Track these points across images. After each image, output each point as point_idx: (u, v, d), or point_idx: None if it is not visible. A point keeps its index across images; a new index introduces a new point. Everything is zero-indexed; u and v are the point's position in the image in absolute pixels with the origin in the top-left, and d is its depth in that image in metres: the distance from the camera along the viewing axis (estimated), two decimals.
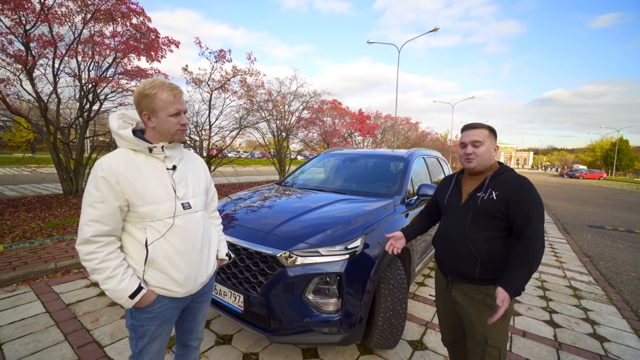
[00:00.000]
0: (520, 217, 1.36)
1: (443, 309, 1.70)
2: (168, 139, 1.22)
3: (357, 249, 1.96)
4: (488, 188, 1.44)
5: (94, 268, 1.09)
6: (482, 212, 1.42)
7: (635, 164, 57.10)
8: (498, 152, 1.54)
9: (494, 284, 1.41)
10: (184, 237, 1.22)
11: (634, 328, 2.84)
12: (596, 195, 17.01)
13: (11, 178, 11.20)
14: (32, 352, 2.09)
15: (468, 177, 1.58)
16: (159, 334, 1.26)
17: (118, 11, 6.03)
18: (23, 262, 3.35)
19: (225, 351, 2.20)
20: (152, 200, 1.15)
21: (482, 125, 1.52)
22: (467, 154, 1.49)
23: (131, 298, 1.12)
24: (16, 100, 6.15)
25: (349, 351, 2.27)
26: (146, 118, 1.18)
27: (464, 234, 1.47)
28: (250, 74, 8.68)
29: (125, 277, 1.12)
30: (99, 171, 1.09)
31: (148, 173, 1.17)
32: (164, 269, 1.18)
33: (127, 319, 1.25)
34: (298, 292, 1.85)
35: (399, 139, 19.42)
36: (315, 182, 3.47)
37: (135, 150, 1.18)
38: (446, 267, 1.58)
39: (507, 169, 1.50)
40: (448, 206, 1.61)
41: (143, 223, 1.16)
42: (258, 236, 2.07)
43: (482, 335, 1.44)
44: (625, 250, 5.67)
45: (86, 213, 1.09)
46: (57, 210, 5.68)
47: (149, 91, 1.15)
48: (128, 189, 1.11)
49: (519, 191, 1.38)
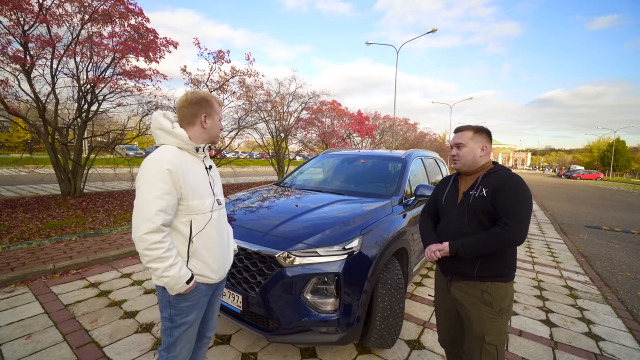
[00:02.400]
0: (501, 207, 1.40)
1: (442, 308, 1.72)
2: (211, 140, 1.38)
3: (354, 249, 1.97)
4: (480, 186, 1.49)
5: (159, 256, 1.16)
6: (475, 209, 1.47)
7: (632, 165, 57.45)
8: (487, 152, 1.56)
9: (492, 280, 1.47)
10: (218, 229, 1.37)
11: (629, 327, 2.87)
12: (593, 196, 17.11)
13: (9, 179, 11.15)
14: (31, 353, 2.09)
15: (464, 177, 1.63)
16: (193, 320, 1.35)
17: (116, 12, 6.03)
18: (21, 263, 3.35)
19: (224, 351, 2.21)
20: (200, 195, 1.28)
21: (467, 127, 1.58)
22: (452, 155, 1.60)
23: (187, 284, 1.23)
24: (14, 100, 6.14)
25: (347, 351, 2.28)
26: (204, 118, 1.32)
27: (462, 232, 1.50)
28: (249, 74, 8.70)
29: (183, 265, 1.23)
30: (164, 164, 1.17)
31: (195, 170, 1.30)
32: (204, 258, 1.31)
33: (165, 310, 1.32)
34: (296, 292, 1.86)
35: (397, 139, 19.47)
36: (314, 183, 3.48)
37: (181, 148, 1.29)
38: (446, 266, 1.60)
39: (501, 168, 1.55)
40: (445, 206, 1.64)
41: (188, 216, 1.26)
42: (256, 236, 2.08)
43: (479, 332, 1.47)
44: (621, 250, 5.72)
45: (154, 204, 1.15)
46: (55, 211, 5.67)
47: (210, 99, 1.34)
48: (185, 182, 1.22)
49: (505, 186, 1.42)
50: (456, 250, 1.45)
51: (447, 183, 1.71)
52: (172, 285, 1.21)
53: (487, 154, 1.57)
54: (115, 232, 4.70)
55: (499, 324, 1.46)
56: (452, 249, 1.47)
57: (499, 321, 1.46)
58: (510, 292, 1.49)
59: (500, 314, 1.46)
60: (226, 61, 8.11)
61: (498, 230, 1.38)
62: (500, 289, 1.46)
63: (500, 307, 1.46)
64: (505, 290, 1.47)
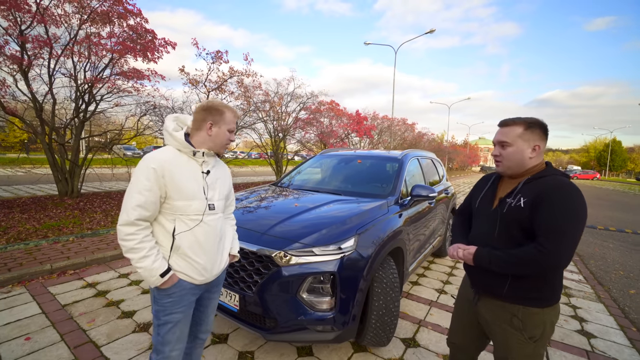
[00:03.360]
0: (541, 222, 1.14)
1: (461, 315, 1.56)
2: (216, 149, 1.42)
3: (350, 248, 2.00)
4: (518, 194, 1.24)
5: (132, 247, 1.21)
6: (509, 220, 1.24)
7: (628, 165, 57.89)
8: (539, 152, 1.26)
9: (524, 303, 1.24)
10: (207, 233, 1.38)
11: (621, 325, 2.91)
12: (589, 195, 17.24)
13: (5, 179, 11.10)
14: (29, 353, 2.11)
15: (505, 180, 1.39)
16: (178, 320, 1.36)
17: (115, 12, 6.03)
18: (18, 263, 3.35)
19: (221, 350, 2.24)
20: (186, 197, 1.30)
21: (515, 121, 1.28)
22: (494, 156, 1.34)
23: (161, 277, 1.26)
24: (11, 100, 6.12)
25: (343, 349, 2.31)
26: (209, 126, 1.37)
27: (489, 243, 1.29)
28: (247, 75, 8.71)
29: (157, 258, 1.26)
30: (150, 163, 1.23)
31: (187, 173, 1.33)
32: (187, 257, 1.33)
33: (153, 305, 1.37)
34: (293, 291, 1.89)
35: (395, 139, 19.54)
36: (311, 183, 3.51)
37: (180, 150, 1.35)
38: (473, 279, 1.42)
39: (552, 172, 1.24)
40: (479, 210, 1.44)
41: (173, 215, 1.30)
42: (254, 236, 2.10)
43: (503, 355, 1.32)
44: (615, 249, 5.78)
45: (133, 198, 1.21)
46: (53, 212, 5.66)
47: (222, 108, 1.39)
48: (170, 182, 1.26)
49: (549, 197, 1.15)
50: (481, 258, 1.25)
51: (485, 183, 1.48)
52: (146, 277, 1.25)
53: (539, 155, 1.27)
54: (112, 233, 4.71)
55: (529, 351, 1.24)
56: (478, 255, 1.26)
57: (530, 348, 1.24)
58: (548, 319, 1.24)
59: (532, 341, 1.23)
60: (224, 61, 8.14)
61: (531, 251, 1.13)
62: (534, 315, 1.22)
63: (532, 334, 1.23)
64: (541, 317, 1.22)
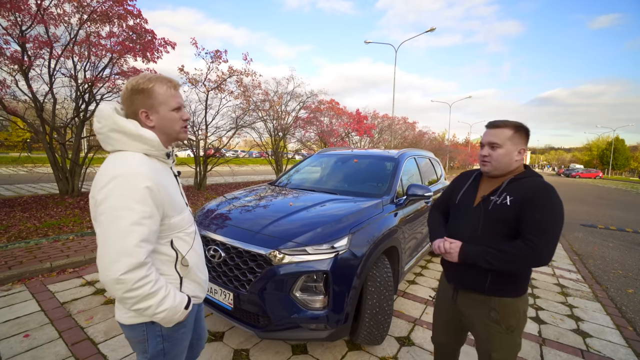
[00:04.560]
0: (528, 221, 1.22)
1: (442, 312, 1.61)
2: (172, 139, 1.10)
3: (343, 247, 2.01)
4: (503, 192, 1.31)
5: (148, 293, 0.93)
6: (494, 217, 1.31)
7: (631, 163, 57.53)
8: (522, 155, 1.35)
9: (500, 295, 1.33)
10: (199, 243, 1.21)
11: (617, 324, 2.92)
12: (591, 194, 17.17)
13: (7, 178, 11.19)
14: (27, 349, 2.14)
15: (487, 178, 1.45)
16: (186, 345, 1.19)
17: (115, 13, 6.06)
18: (19, 261, 3.39)
19: (217, 348, 2.26)
20: (180, 210, 1.07)
21: (505, 124, 1.34)
22: (483, 156, 1.38)
23: (186, 309, 1.05)
24: (12, 100, 6.17)
25: (337, 347, 2.33)
26: (144, 116, 1.02)
27: (473, 239, 1.34)
28: (247, 74, 8.72)
29: (176, 291, 1.03)
30: (140, 181, 0.92)
31: (170, 181, 1.07)
32: (196, 277, 1.15)
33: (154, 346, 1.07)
34: (286, 290, 1.90)
35: (396, 138, 19.51)
36: (308, 182, 3.52)
37: (148, 155, 1.02)
38: (452, 274, 1.47)
39: (532, 174, 1.34)
40: (459, 206, 1.48)
41: (169, 237, 1.05)
42: (248, 235, 2.12)
43: (486, 349, 1.39)
44: (615, 248, 5.77)
45: (134, 233, 0.90)
46: (53, 210, 5.71)
47: (145, 85, 1.01)
48: (165, 198, 0.99)
49: (536, 197, 1.23)
50: (468, 254, 1.29)
51: (466, 180, 1.52)
52: (170, 318, 1.01)
53: (522, 158, 1.36)
54: None
55: (508, 340, 1.33)
56: (464, 251, 1.30)
57: (508, 338, 1.33)
58: (521, 307, 1.34)
59: (509, 331, 1.33)
60: (223, 60, 8.15)
61: (523, 247, 1.19)
62: (509, 305, 1.32)
63: (508, 324, 1.32)
64: (516, 307, 1.33)
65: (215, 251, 2.15)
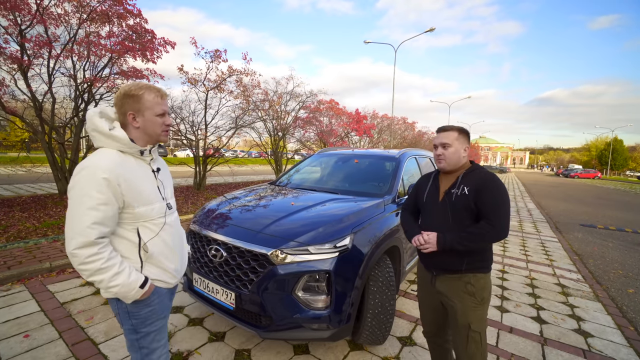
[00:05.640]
0: (486, 206, 1.49)
1: (426, 302, 1.78)
2: (153, 140, 1.25)
3: (345, 247, 2.01)
4: (461, 184, 1.56)
5: (99, 268, 1.08)
6: (458, 206, 1.54)
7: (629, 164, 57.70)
8: (468, 152, 1.64)
9: (474, 272, 1.56)
10: (172, 234, 1.32)
11: (618, 324, 2.92)
12: (590, 195, 17.21)
13: (6, 177, 11.15)
14: (27, 350, 2.12)
15: (444, 176, 1.69)
16: (162, 324, 1.31)
17: (114, 12, 6.04)
18: (18, 261, 3.37)
19: (218, 348, 2.25)
20: (148, 201, 1.20)
21: (451, 127, 1.63)
22: (438, 155, 1.63)
23: (141, 288, 1.17)
24: (11, 99, 6.14)
25: (339, 347, 2.32)
26: (131, 118, 1.18)
27: (447, 228, 1.56)
28: (246, 74, 8.71)
29: (132, 270, 1.16)
30: (99, 173, 1.07)
31: (141, 174, 1.21)
32: (159, 263, 1.26)
33: (125, 322, 1.24)
34: (288, 289, 1.90)
35: (395, 138, 19.52)
36: (308, 182, 3.52)
37: (123, 152, 1.18)
38: (431, 261, 1.65)
39: (478, 167, 1.64)
40: (427, 204, 1.69)
41: (134, 224, 1.19)
42: (249, 235, 2.11)
43: (464, 321, 1.55)
44: (614, 248, 5.78)
45: (88, 216, 1.06)
46: (52, 210, 5.68)
47: (136, 92, 1.17)
48: (127, 190, 1.13)
49: (487, 186, 1.51)
50: (445, 242, 1.51)
51: (427, 181, 1.76)
52: (124, 294, 1.14)
53: (468, 155, 1.65)
54: None
55: (481, 312, 1.56)
56: (441, 240, 1.52)
57: (481, 310, 1.56)
58: (489, 282, 1.60)
59: (482, 303, 1.56)
60: (223, 60, 8.14)
61: (487, 227, 1.46)
62: (481, 279, 1.56)
63: (482, 296, 1.55)
64: (485, 281, 1.57)
65: (216, 251, 2.14)
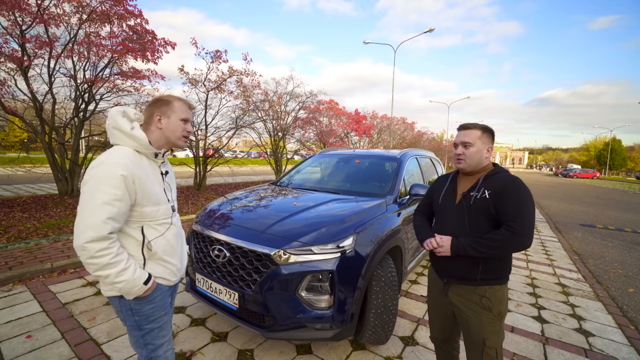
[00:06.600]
0: (508, 210, 1.37)
1: (437, 309, 1.68)
2: (170, 144, 1.32)
3: (348, 247, 2.01)
4: (481, 187, 1.45)
5: (107, 263, 1.09)
6: (476, 210, 1.43)
7: (627, 164, 57.86)
8: (492, 153, 1.52)
9: (490, 284, 1.43)
10: (176, 234, 1.37)
11: (619, 323, 2.93)
12: (589, 194, 17.25)
13: (5, 178, 11.11)
14: (30, 350, 2.12)
15: (463, 177, 1.57)
16: (165, 320, 1.34)
17: (115, 13, 6.03)
18: (19, 262, 3.37)
19: (221, 348, 2.25)
20: (155, 202, 1.24)
21: (475, 125, 1.49)
22: (457, 154, 1.51)
23: (145, 284, 1.20)
24: (11, 100, 6.13)
25: (341, 347, 2.32)
26: (157, 119, 1.27)
27: (462, 232, 1.45)
28: (247, 74, 8.71)
29: (137, 267, 1.19)
30: (117, 169, 1.10)
31: (152, 176, 1.25)
32: (162, 261, 1.30)
33: (128, 319, 1.27)
34: (291, 289, 1.90)
35: (394, 138, 19.53)
36: (310, 182, 3.52)
37: (139, 152, 1.23)
38: (443, 269, 1.55)
39: (502, 169, 1.51)
40: (442, 206, 1.59)
41: (140, 222, 1.22)
42: (252, 235, 2.11)
43: (479, 337, 1.45)
44: (614, 248, 5.80)
45: (103, 210, 1.08)
46: (53, 211, 5.67)
47: (168, 98, 1.30)
48: (140, 189, 1.17)
49: (509, 190, 1.39)
50: (459, 246, 1.40)
51: (444, 182, 1.64)
52: (128, 290, 1.16)
53: (490, 155, 1.52)
54: None
55: (498, 327, 1.44)
56: (455, 244, 1.42)
57: (498, 324, 1.44)
58: (506, 293, 1.48)
59: (500, 317, 1.44)
60: (223, 60, 8.14)
61: (507, 234, 1.33)
62: (497, 291, 1.44)
63: (499, 310, 1.44)
64: (502, 293, 1.46)
65: (219, 251, 2.15)
